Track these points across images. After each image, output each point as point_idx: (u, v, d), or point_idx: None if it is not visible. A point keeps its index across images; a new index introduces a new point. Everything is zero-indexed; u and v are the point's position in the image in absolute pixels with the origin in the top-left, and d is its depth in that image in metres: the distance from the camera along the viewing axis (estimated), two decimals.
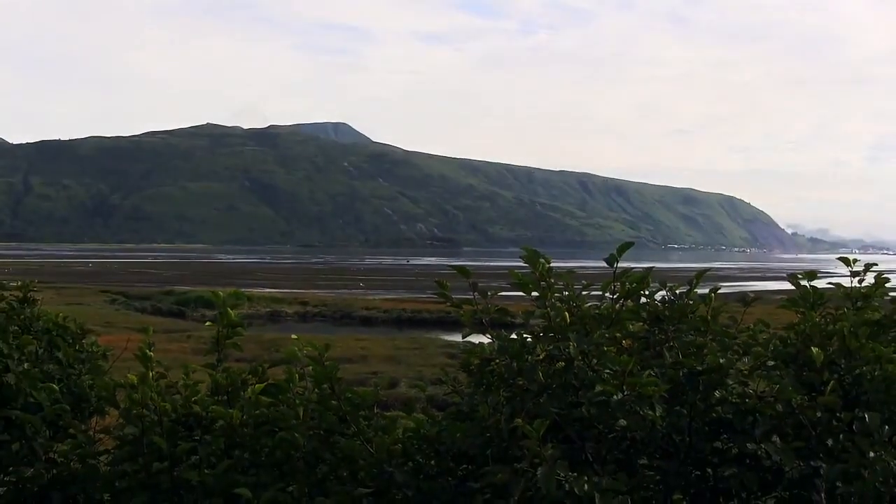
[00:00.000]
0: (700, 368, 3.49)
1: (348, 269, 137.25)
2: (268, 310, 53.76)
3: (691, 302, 3.79)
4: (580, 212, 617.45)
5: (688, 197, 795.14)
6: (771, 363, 3.63)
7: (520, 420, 3.21)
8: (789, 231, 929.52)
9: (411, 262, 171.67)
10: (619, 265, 3.69)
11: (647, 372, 3.48)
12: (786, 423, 3.44)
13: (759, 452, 3.41)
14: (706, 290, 3.84)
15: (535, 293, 3.66)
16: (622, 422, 3.35)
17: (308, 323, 52.04)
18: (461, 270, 3.73)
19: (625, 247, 3.74)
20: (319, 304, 57.69)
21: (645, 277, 3.76)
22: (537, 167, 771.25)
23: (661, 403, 3.34)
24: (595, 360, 3.47)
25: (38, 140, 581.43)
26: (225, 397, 3.84)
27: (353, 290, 74.73)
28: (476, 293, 3.71)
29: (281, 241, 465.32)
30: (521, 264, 3.74)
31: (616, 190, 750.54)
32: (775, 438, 3.39)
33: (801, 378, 3.56)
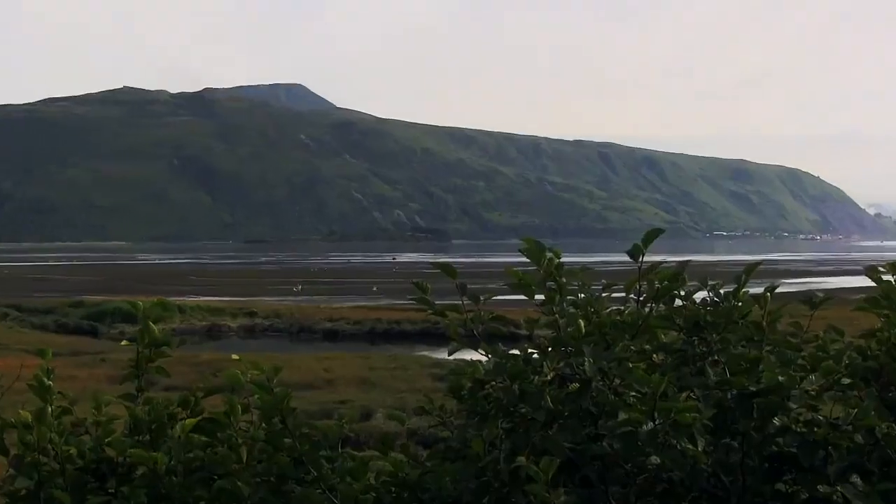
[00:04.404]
0: (754, 389, 3.49)
1: (308, 269, 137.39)
2: (204, 323, 53.79)
3: (741, 304, 3.79)
4: (600, 192, 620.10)
5: (739, 170, 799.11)
6: (846, 381, 3.63)
7: (523, 458, 3.21)
8: (871, 212, 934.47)
9: (397, 260, 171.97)
10: (647, 259, 3.68)
11: (684, 394, 3.49)
12: (868, 459, 3.45)
13: (835, 497, 3.41)
14: (761, 289, 3.84)
15: (539, 296, 3.66)
16: (655, 458, 3.35)
17: (257, 339, 52.21)
18: (445, 269, 3.72)
19: (652, 234, 3.74)
20: (271, 314, 57.82)
21: (679, 274, 3.76)
22: (546, 136, 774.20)
23: (704, 434, 3.34)
24: (618, 381, 3.47)
25: None
26: (147, 437, 3.83)
27: (314, 297, 74.84)
28: (465, 297, 3.71)
29: (222, 236, 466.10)
30: (525, 259, 3.73)
31: (646, 163, 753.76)
32: (855, 478, 3.39)
33: (886, 400, 3.57)
